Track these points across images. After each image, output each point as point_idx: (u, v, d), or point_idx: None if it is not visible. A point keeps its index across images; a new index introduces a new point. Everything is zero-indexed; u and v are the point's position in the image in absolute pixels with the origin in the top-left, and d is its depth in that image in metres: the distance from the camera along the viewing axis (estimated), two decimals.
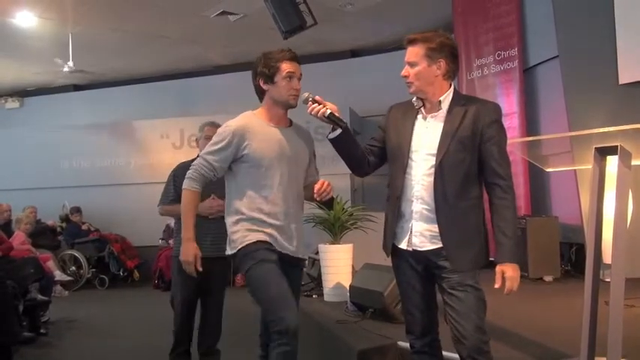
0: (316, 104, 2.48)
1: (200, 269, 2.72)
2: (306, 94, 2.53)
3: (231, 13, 7.88)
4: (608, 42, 5.46)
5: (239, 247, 2.64)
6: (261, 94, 2.73)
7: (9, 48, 8.99)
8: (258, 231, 2.62)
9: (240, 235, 2.65)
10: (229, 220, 2.71)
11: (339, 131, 2.49)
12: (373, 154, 2.58)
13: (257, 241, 2.61)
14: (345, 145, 2.53)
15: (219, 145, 2.64)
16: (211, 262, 3.74)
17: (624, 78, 5.39)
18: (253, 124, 2.68)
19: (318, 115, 2.47)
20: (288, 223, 2.68)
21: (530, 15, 6.98)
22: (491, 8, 7.23)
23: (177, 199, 3.75)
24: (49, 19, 7.91)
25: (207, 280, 3.77)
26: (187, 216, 2.72)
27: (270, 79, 2.66)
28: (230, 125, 2.67)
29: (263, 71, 2.66)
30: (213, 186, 3.64)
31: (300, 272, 2.88)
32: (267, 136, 2.67)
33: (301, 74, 2.71)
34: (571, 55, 5.88)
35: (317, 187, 2.68)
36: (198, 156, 3.83)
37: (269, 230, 2.63)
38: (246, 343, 3.79)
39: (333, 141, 2.52)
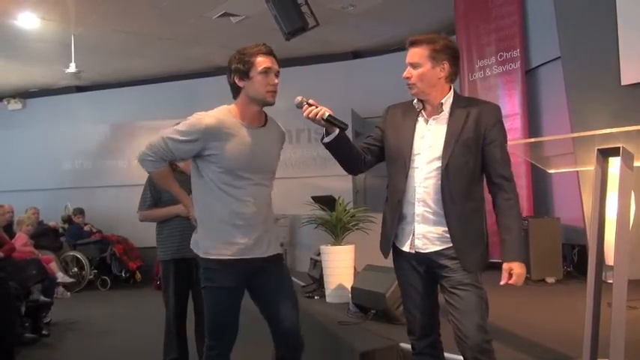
0: (312, 107, 2.40)
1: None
2: (299, 98, 2.42)
3: (233, 15, 7.89)
4: (611, 43, 5.45)
5: (202, 257, 2.60)
6: (236, 92, 2.61)
7: (12, 49, 9.02)
8: (226, 243, 2.54)
9: (206, 245, 2.59)
10: (198, 215, 2.63)
11: (334, 135, 2.42)
12: (371, 152, 2.56)
13: (220, 259, 2.54)
14: (341, 148, 2.49)
15: (187, 137, 2.50)
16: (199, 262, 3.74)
17: (626, 79, 5.38)
18: (228, 122, 2.54)
19: (317, 117, 2.38)
20: (259, 227, 2.60)
21: (532, 16, 6.98)
22: (493, 9, 7.23)
23: (155, 203, 3.75)
24: (52, 21, 7.92)
25: (197, 281, 3.77)
26: (172, 185, 2.74)
27: (245, 74, 2.53)
28: (204, 120, 2.52)
29: (237, 67, 2.54)
30: (189, 187, 3.62)
31: (280, 264, 2.74)
32: (241, 139, 2.54)
33: (279, 70, 2.59)
34: (573, 56, 5.87)
35: None
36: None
37: (239, 239, 2.55)
38: (246, 342, 3.79)
39: (328, 145, 2.46)
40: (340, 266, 4.82)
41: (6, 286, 4.82)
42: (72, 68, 8.76)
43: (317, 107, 2.40)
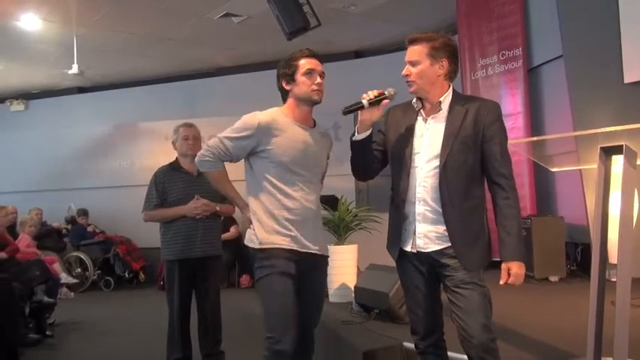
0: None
1: None
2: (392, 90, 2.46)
3: (234, 15, 7.89)
4: (613, 41, 5.44)
5: (257, 248, 2.60)
6: (285, 96, 2.71)
7: (14, 51, 9.03)
8: (280, 233, 2.59)
9: (262, 235, 2.60)
10: (253, 217, 2.66)
11: (366, 134, 2.44)
12: (376, 158, 2.56)
13: (278, 248, 2.57)
14: (367, 149, 2.49)
15: (242, 134, 2.60)
16: (203, 262, 3.76)
17: (629, 77, 5.37)
18: (280, 120, 2.64)
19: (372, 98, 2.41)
20: (309, 223, 2.66)
21: (535, 15, 6.97)
22: (496, 8, 7.22)
23: (160, 204, 3.76)
24: (54, 22, 7.93)
25: (201, 281, 3.78)
26: (229, 188, 2.72)
27: (291, 77, 2.64)
28: (257, 116, 2.62)
29: (284, 72, 2.66)
30: (195, 188, 3.66)
31: (324, 272, 2.83)
32: (293, 135, 2.64)
33: (323, 72, 2.68)
34: (576, 54, 5.86)
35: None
36: (177, 159, 3.87)
37: (292, 230, 2.60)
38: (251, 344, 3.80)
39: (356, 143, 2.47)
40: (343, 266, 4.82)
41: (9, 286, 4.84)
42: (74, 69, 8.77)
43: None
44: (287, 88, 2.67)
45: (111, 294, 8.83)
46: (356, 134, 2.47)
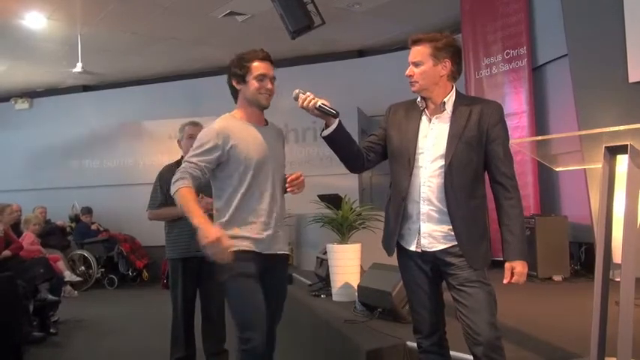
0: (306, 95, 2.45)
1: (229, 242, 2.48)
2: (297, 91, 2.50)
3: (238, 14, 7.90)
4: (618, 40, 5.42)
5: None
6: (235, 94, 2.73)
7: (18, 49, 9.05)
8: (243, 237, 2.58)
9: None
10: (218, 222, 2.63)
11: (332, 128, 2.45)
12: (373, 151, 2.57)
13: (239, 250, 2.54)
14: (340, 142, 2.51)
15: (205, 147, 2.58)
16: (207, 262, 3.76)
17: (634, 76, 5.36)
18: (234, 124, 2.65)
19: (310, 106, 2.43)
20: (274, 223, 2.65)
21: (539, 13, 6.95)
22: (500, 7, 7.20)
23: (165, 202, 3.76)
24: (59, 21, 7.96)
25: (205, 279, 3.78)
26: (191, 206, 2.48)
27: (242, 78, 2.65)
28: (213, 127, 2.63)
29: (235, 71, 2.66)
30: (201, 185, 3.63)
31: (285, 267, 2.84)
32: (250, 136, 2.65)
33: (274, 76, 2.68)
34: (580, 53, 5.84)
35: (292, 177, 2.71)
36: (182, 157, 3.87)
37: (256, 233, 2.60)
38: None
39: (327, 138, 2.49)
40: (346, 265, 4.81)
41: (14, 284, 4.85)
42: (79, 68, 8.80)
43: (311, 96, 2.45)
44: (237, 87, 2.69)
45: (114, 292, 8.86)
46: (325, 129, 2.49)
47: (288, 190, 2.74)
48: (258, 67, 2.63)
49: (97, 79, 10.94)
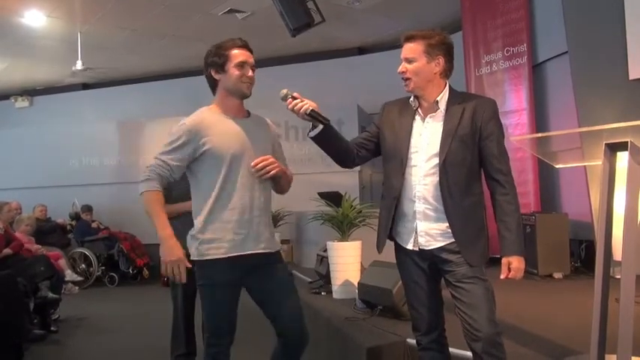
0: (297, 100, 2.42)
1: (190, 266, 2.48)
2: (285, 91, 2.43)
3: (238, 11, 7.89)
4: (618, 37, 5.41)
5: (196, 259, 2.53)
6: (213, 85, 2.61)
7: (18, 47, 9.05)
8: (218, 240, 2.49)
9: (200, 246, 2.51)
10: (195, 220, 2.56)
11: (319, 128, 2.45)
12: (365, 148, 2.57)
13: (212, 260, 2.49)
14: (329, 142, 2.52)
15: (175, 144, 2.50)
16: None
17: (634, 73, 5.35)
18: (209, 119, 2.55)
19: (300, 112, 2.41)
20: (255, 219, 2.55)
21: (539, 11, 6.94)
22: (500, 4, 7.20)
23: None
24: (58, 18, 7.95)
25: None
26: (157, 215, 2.47)
27: (221, 67, 2.55)
28: (184, 123, 2.53)
29: (214, 60, 2.56)
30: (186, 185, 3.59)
31: (279, 265, 2.68)
32: (226, 129, 2.54)
33: (254, 64, 2.59)
34: (581, 50, 5.83)
35: (255, 162, 2.52)
36: None
37: (233, 233, 2.50)
38: (253, 341, 3.81)
39: (314, 139, 2.49)
40: (347, 262, 4.82)
41: (14, 282, 4.85)
42: (78, 66, 8.80)
43: (302, 101, 2.42)
44: (216, 77, 2.58)
45: (115, 290, 8.87)
46: (311, 130, 2.49)
47: (257, 177, 2.56)
48: (237, 54, 2.55)
49: (97, 77, 10.93)
